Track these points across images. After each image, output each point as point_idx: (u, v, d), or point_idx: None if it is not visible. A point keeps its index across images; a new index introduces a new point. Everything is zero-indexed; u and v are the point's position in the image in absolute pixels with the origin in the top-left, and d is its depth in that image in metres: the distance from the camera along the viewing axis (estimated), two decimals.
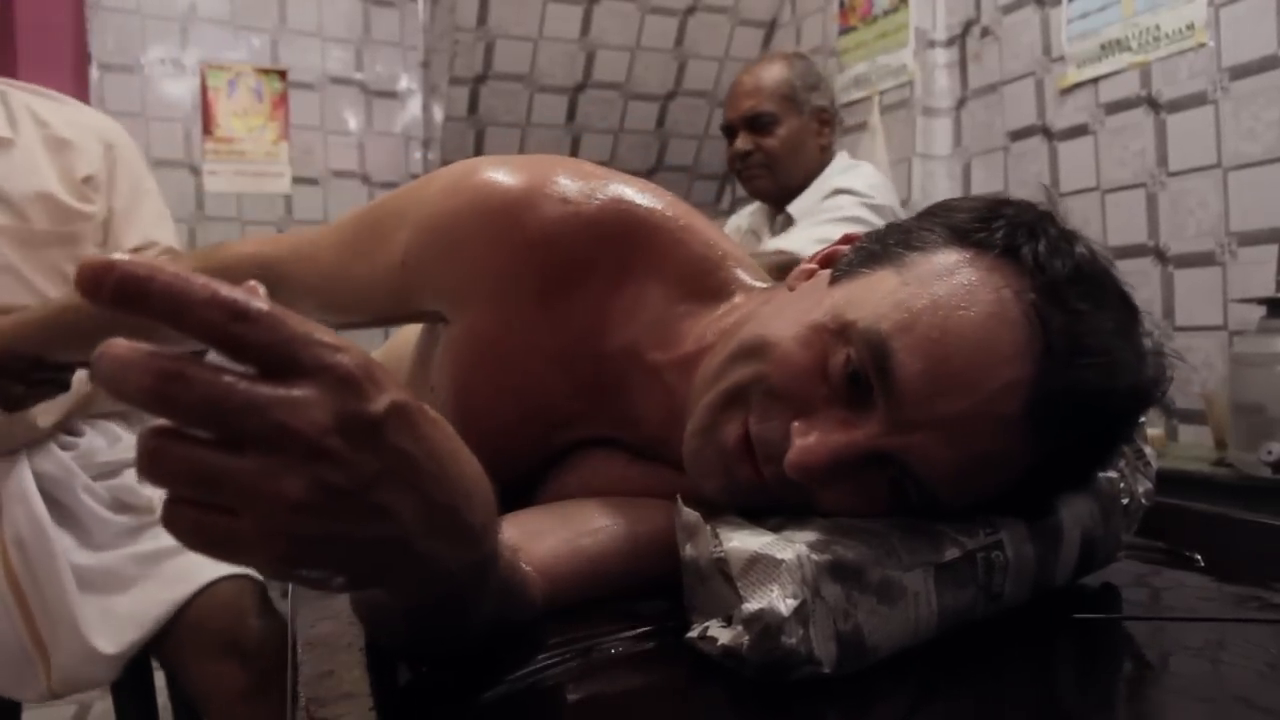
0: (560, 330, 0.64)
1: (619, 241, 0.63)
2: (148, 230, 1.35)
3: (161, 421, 0.29)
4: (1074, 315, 0.49)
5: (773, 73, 1.87)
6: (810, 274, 0.60)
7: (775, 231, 1.93)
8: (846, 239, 0.61)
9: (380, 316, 0.71)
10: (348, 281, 0.69)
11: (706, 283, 0.65)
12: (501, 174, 0.64)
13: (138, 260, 0.28)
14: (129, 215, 1.34)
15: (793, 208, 1.87)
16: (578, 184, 0.64)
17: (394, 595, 0.41)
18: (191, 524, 0.30)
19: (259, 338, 0.30)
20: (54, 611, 1.14)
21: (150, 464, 0.29)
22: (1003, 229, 0.52)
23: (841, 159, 1.94)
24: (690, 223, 0.66)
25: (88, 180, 1.30)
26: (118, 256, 0.28)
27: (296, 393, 0.30)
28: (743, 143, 1.87)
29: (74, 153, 1.30)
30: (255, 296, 0.30)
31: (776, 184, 1.88)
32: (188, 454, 0.29)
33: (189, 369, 0.28)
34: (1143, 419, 0.66)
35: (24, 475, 1.17)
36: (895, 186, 2.59)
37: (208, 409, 0.29)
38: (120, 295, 0.27)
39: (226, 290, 0.29)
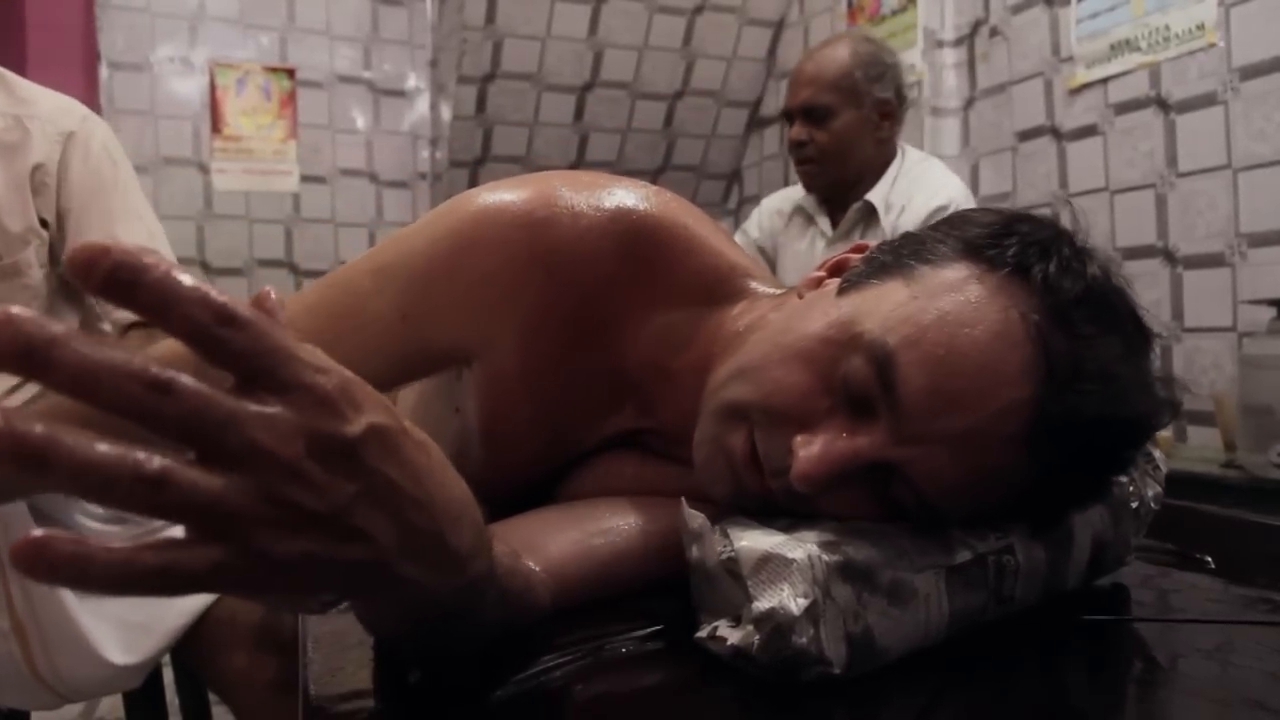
0: (584, 348, 0.62)
1: (633, 252, 0.61)
2: (108, 232, 1.20)
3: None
4: (1078, 339, 0.49)
5: (836, 60, 1.78)
6: (819, 282, 0.60)
7: (840, 220, 1.88)
8: (857, 248, 0.60)
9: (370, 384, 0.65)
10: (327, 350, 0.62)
11: (717, 290, 0.64)
12: (499, 197, 0.61)
13: (133, 249, 0.27)
14: (84, 216, 1.19)
15: (875, 196, 1.80)
16: (582, 196, 0.61)
17: (383, 617, 0.41)
18: (156, 568, 0.28)
19: (242, 345, 0.29)
20: (57, 632, 1.11)
21: (153, 494, 0.27)
22: (1015, 246, 0.51)
23: (915, 157, 1.87)
24: (698, 230, 0.65)
25: (36, 171, 1.15)
26: (113, 243, 0.27)
27: (270, 410, 0.30)
28: (797, 132, 1.80)
29: (21, 152, 1.15)
30: (242, 304, 0.30)
31: (826, 178, 1.83)
32: (188, 479, 0.28)
33: (176, 380, 0.28)
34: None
35: (19, 505, 1.16)
36: None
37: (191, 422, 0.28)
38: (111, 282, 0.27)
39: (216, 293, 0.29)
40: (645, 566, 0.59)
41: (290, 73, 3.48)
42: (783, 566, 0.47)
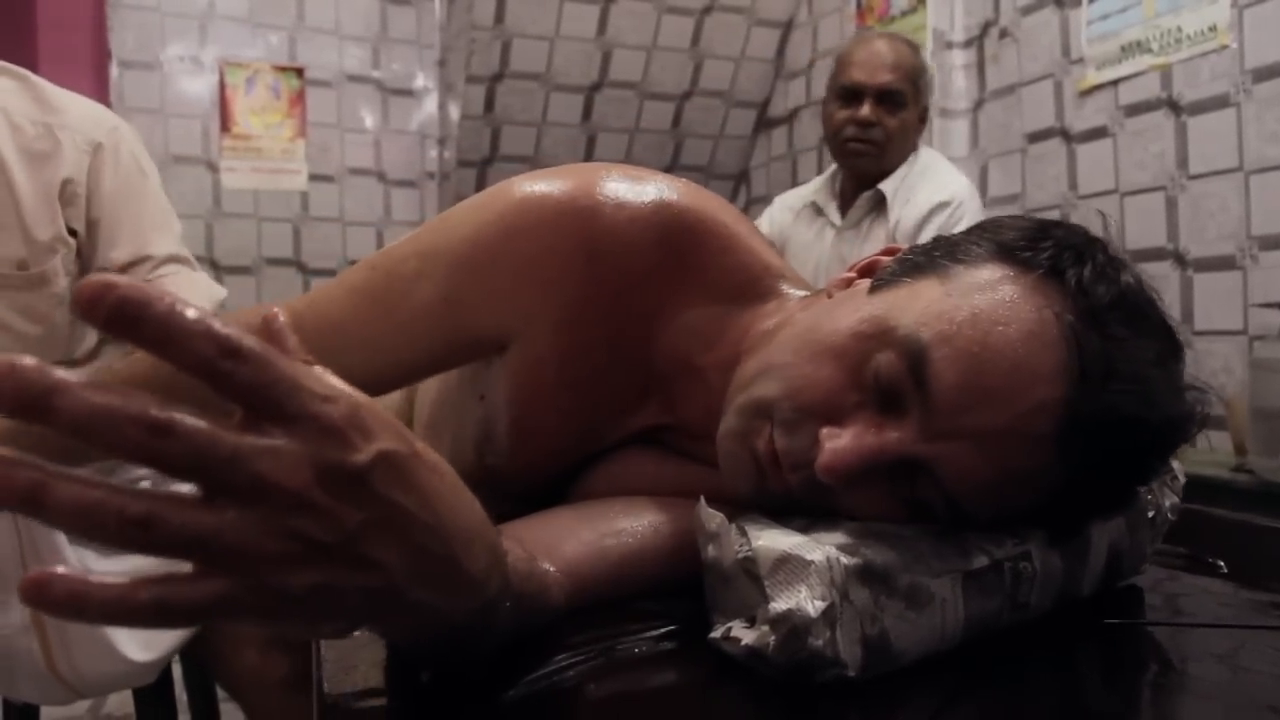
0: (618, 339, 0.62)
1: (673, 245, 0.62)
2: (139, 241, 1.21)
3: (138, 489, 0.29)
4: (1111, 341, 0.49)
5: (911, 55, 1.83)
6: (849, 283, 0.60)
7: (851, 207, 1.90)
8: (889, 250, 0.61)
9: (407, 370, 0.64)
10: (363, 339, 0.61)
11: (750, 288, 0.64)
12: (544, 185, 0.61)
13: (137, 284, 0.28)
14: (116, 225, 1.20)
15: (887, 186, 1.84)
16: (625, 187, 0.62)
17: (395, 636, 0.41)
18: (149, 604, 0.29)
19: (247, 377, 0.29)
20: (76, 628, 1.11)
21: (143, 533, 0.28)
22: (1049, 250, 0.52)
23: (927, 154, 1.91)
24: (737, 229, 0.65)
25: (66, 185, 1.16)
26: (118, 278, 0.27)
27: (277, 443, 0.30)
28: (871, 112, 1.79)
29: (52, 162, 1.15)
30: (248, 335, 0.30)
31: (879, 165, 1.84)
32: (178, 516, 0.29)
33: (177, 421, 0.28)
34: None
35: None
36: None
37: (194, 460, 0.29)
38: (115, 317, 0.27)
39: (220, 326, 0.29)
40: (659, 567, 0.59)
41: (299, 72, 3.49)
42: (801, 568, 0.46)
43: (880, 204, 1.86)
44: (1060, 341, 0.48)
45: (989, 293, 0.50)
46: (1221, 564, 0.71)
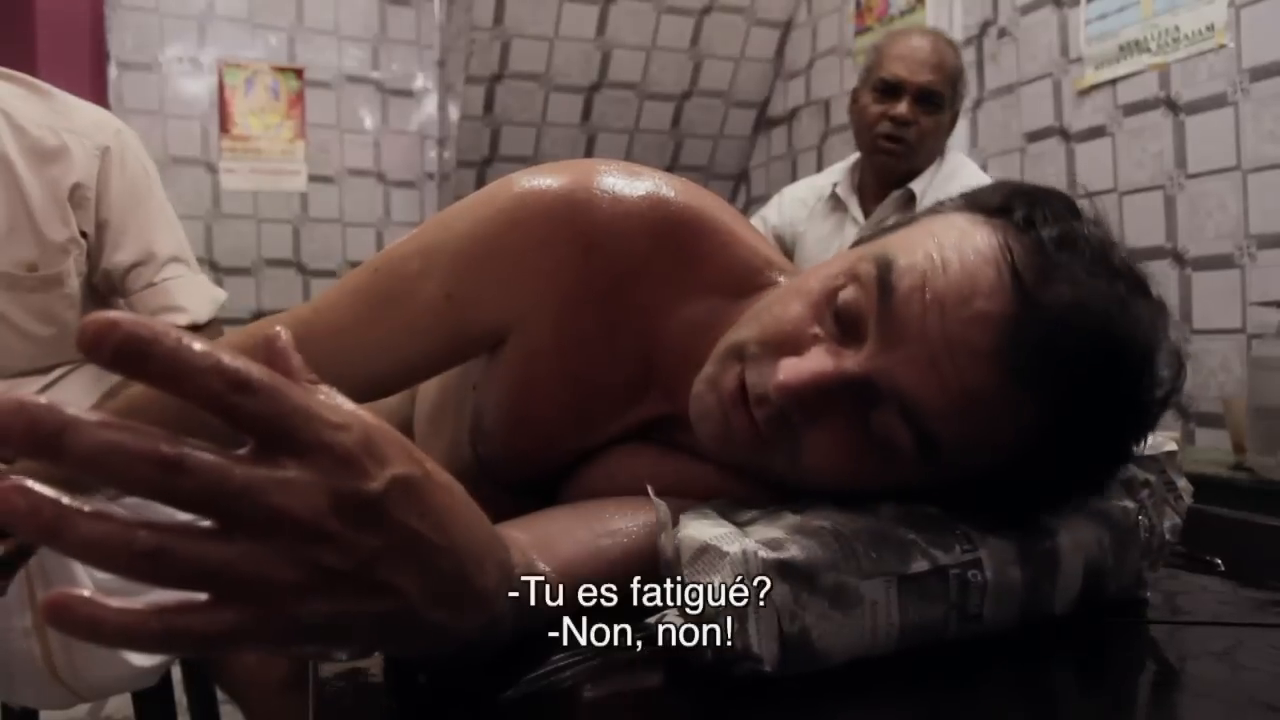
0: (616, 331, 0.63)
1: (670, 240, 0.62)
2: (144, 242, 1.24)
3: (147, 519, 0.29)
4: (1049, 261, 0.49)
5: (953, 58, 1.81)
6: None
7: (877, 205, 1.87)
8: None
9: (413, 370, 0.64)
10: (370, 341, 0.62)
11: (748, 282, 0.64)
12: (541, 180, 0.62)
13: (142, 321, 0.28)
14: (123, 227, 1.23)
15: (916, 185, 1.82)
16: (622, 182, 0.62)
17: (403, 656, 0.42)
18: (158, 633, 0.29)
19: (258, 409, 0.29)
20: None
21: (152, 566, 0.28)
22: (1003, 193, 0.54)
23: (955, 156, 1.90)
24: (735, 226, 0.65)
25: (75, 189, 1.18)
26: (122, 315, 0.27)
27: (290, 474, 0.30)
28: (909, 110, 1.76)
29: (60, 164, 1.17)
30: (256, 366, 0.30)
31: (908, 164, 1.82)
32: (187, 550, 0.29)
33: (187, 457, 0.28)
34: (1174, 447, 0.64)
35: None
36: None
37: (206, 495, 0.29)
38: (121, 355, 0.27)
39: (229, 359, 0.29)
40: (654, 567, 0.59)
41: (298, 72, 3.49)
42: (716, 559, 0.46)
43: (909, 203, 1.83)
44: (1000, 262, 0.49)
45: (944, 223, 0.53)
46: (1220, 562, 0.71)
